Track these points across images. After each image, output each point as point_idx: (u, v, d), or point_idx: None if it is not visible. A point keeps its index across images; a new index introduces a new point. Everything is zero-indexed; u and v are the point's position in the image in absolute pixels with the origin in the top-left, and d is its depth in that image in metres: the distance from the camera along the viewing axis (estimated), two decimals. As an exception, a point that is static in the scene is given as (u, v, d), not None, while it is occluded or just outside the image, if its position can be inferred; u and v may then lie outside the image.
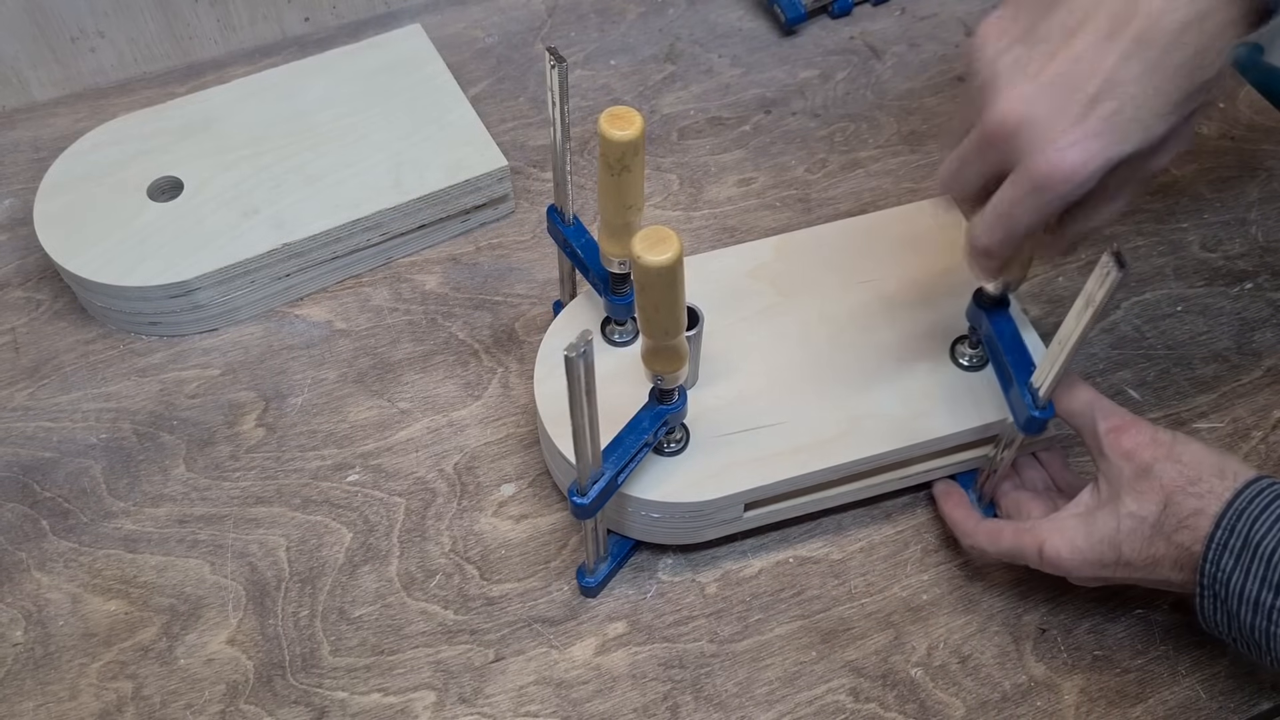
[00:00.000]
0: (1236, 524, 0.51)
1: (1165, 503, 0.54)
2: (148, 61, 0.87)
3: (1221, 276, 0.77)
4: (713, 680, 0.61)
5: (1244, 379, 0.72)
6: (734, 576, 0.65)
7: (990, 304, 0.61)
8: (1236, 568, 0.51)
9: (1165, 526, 0.54)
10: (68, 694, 0.60)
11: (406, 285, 0.77)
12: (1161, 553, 0.54)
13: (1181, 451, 0.55)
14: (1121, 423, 0.57)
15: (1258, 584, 0.51)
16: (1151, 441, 0.56)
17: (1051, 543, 0.57)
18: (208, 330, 0.74)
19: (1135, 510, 0.55)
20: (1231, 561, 0.51)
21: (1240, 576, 0.51)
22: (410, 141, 0.78)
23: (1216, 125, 0.86)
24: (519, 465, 0.68)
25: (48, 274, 0.76)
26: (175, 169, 0.76)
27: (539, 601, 0.63)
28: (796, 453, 0.61)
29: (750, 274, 0.69)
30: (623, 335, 0.65)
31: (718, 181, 0.82)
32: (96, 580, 0.64)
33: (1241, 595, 0.51)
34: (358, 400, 0.71)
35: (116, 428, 0.70)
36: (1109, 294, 0.49)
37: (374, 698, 0.60)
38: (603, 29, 0.92)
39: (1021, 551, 0.58)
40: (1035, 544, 0.57)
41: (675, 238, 0.48)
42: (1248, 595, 0.51)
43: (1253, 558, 0.51)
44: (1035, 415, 0.57)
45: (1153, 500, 0.54)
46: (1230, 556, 0.51)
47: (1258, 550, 0.51)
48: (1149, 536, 0.54)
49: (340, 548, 0.65)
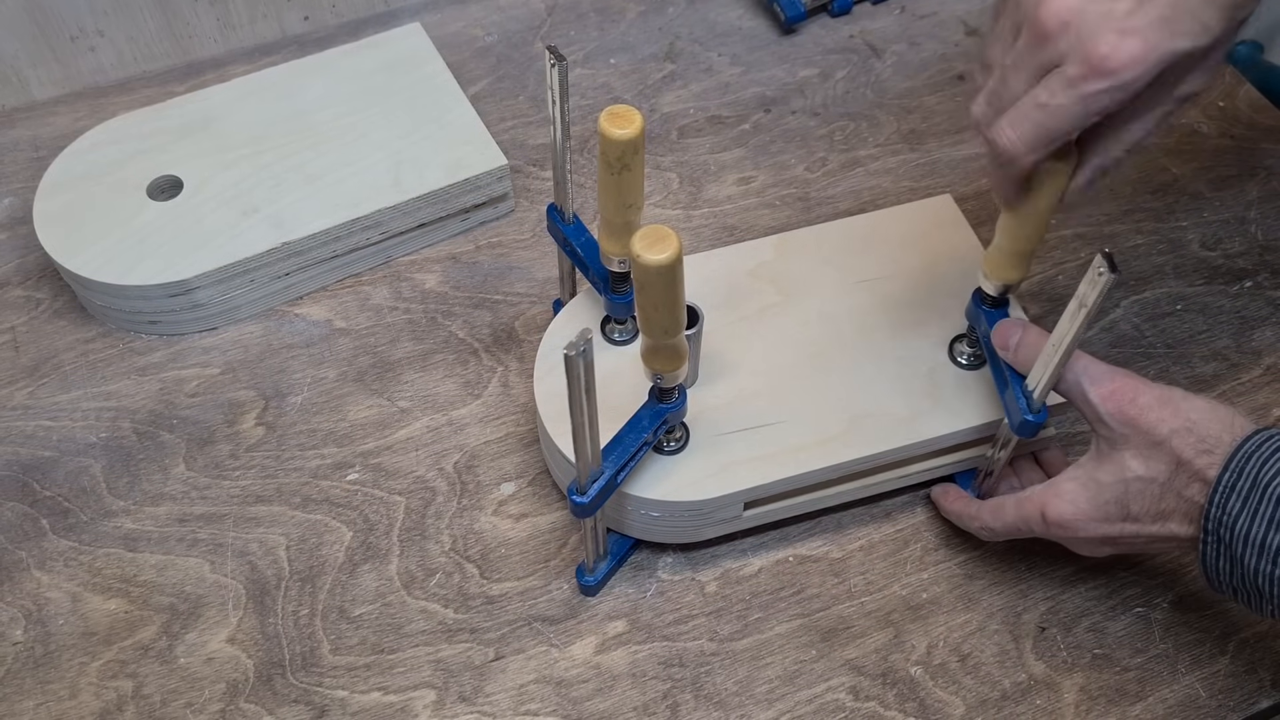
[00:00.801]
0: (1245, 466, 0.51)
1: (1176, 464, 0.53)
2: (147, 60, 0.87)
3: (1221, 275, 0.77)
4: (712, 679, 0.61)
5: (1243, 377, 0.72)
6: (734, 575, 0.65)
7: (990, 304, 0.61)
8: (1244, 510, 0.50)
9: (1176, 483, 0.53)
10: (68, 693, 0.60)
11: (406, 284, 0.77)
12: (1171, 507, 0.53)
13: (1189, 410, 0.54)
14: (1116, 386, 0.55)
15: (1265, 525, 0.50)
16: (1157, 403, 0.54)
17: (1054, 506, 0.56)
18: (207, 329, 0.74)
19: (1143, 473, 0.54)
20: (1239, 504, 0.50)
21: (1247, 519, 0.50)
22: (410, 140, 0.78)
23: (1216, 124, 0.86)
24: (519, 464, 0.68)
25: (47, 273, 0.76)
26: (175, 168, 0.76)
27: (539, 600, 0.63)
28: (796, 451, 0.61)
29: (750, 273, 0.69)
30: (622, 334, 0.65)
31: (717, 180, 0.82)
32: (96, 579, 0.64)
33: (1247, 539, 0.50)
34: (357, 399, 0.71)
35: (116, 427, 0.70)
36: (1101, 296, 0.49)
37: (374, 696, 0.60)
38: (602, 28, 0.92)
39: (1026, 520, 0.58)
40: (1037, 509, 0.57)
41: (675, 237, 0.48)
42: (1254, 538, 0.50)
43: (1261, 498, 0.50)
44: (1029, 419, 0.57)
45: (1163, 463, 0.53)
46: (1238, 499, 0.50)
47: (1266, 490, 0.50)
48: (1159, 495, 0.54)
49: (340, 546, 0.65)
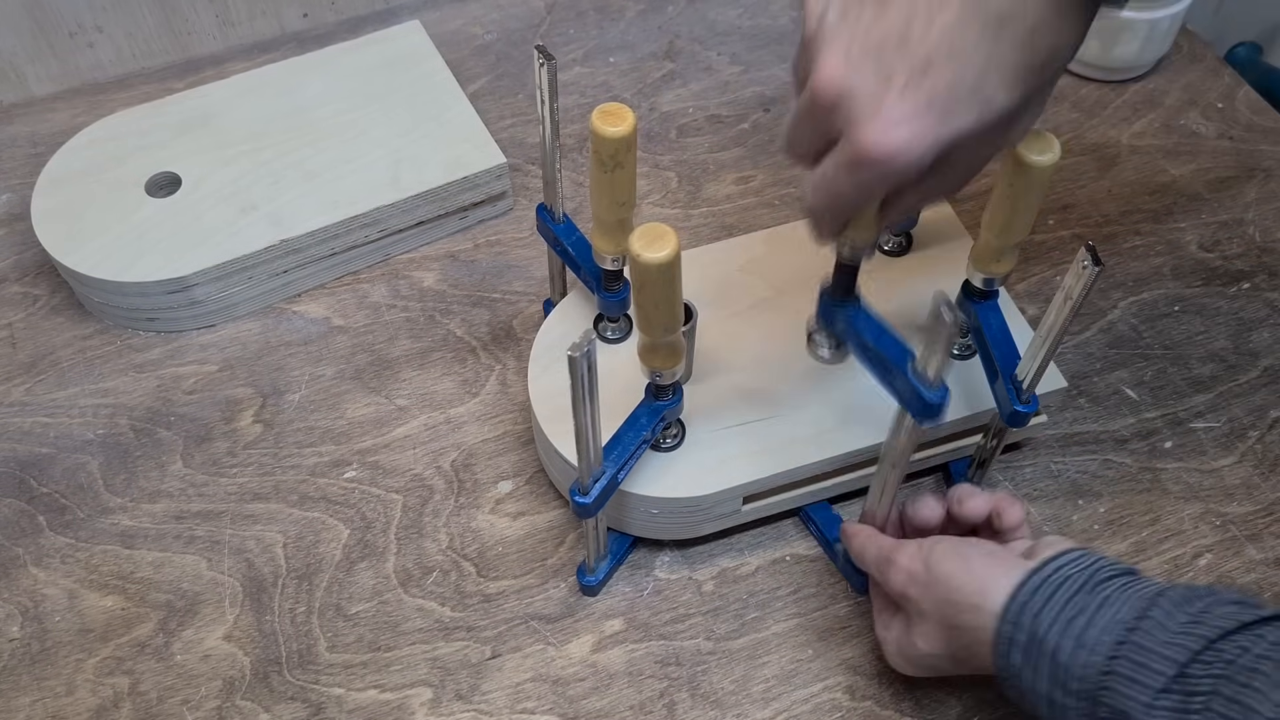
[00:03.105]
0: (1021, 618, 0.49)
1: (947, 637, 0.52)
2: (146, 57, 0.87)
3: (1219, 276, 0.77)
4: (709, 678, 0.61)
5: (1241, 379, 0.72)
6: (731, 574, 0.65)
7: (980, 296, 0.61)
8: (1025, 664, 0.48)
9: (959, 653, 0.52)
10: (64, 689, 0.60)
11: (404, 282, 0.77)
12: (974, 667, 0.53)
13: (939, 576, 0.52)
14: (888, 557, 0.55)
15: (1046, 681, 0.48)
16: (909, 579, 0.54)
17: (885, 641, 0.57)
18: (205, 326, 0.74)
19: (927, 650, 0.54)
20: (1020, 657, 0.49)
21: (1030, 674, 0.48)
22: (409, 138, 0.78)
23: (1215, 125, 0.86)
24: (516, 462, 0.68)
25: (45, 269, 0.76)
26: (173, 165, 0.76)
27: (536, 599, 0.63)
28: (792, 445, 0.62)
29: (742, 269, 0.69)
30: (615, 332, 0.65)
31: (716, 179, 0.82)
32: (93, 576, 0.64)
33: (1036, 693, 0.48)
34: (355, 397, 0.71)
35: (114, 424, 0.70)
36: (1085, 289, 0.50)
37: (370, 694, 0.60)
38: (602, 26, 0.92)
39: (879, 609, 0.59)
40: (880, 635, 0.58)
41: (673, 235, 0.48)
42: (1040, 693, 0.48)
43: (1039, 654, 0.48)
44: (1019, 409, 0.57)
45: (938, 639, 0.53)
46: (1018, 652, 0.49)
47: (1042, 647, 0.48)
48: (954, 664, 0.53)
49: (337, 544, 0.65)
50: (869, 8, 0.43)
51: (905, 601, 0.54)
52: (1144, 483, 0.68)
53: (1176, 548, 0.65)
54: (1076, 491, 0.67)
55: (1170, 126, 0.86)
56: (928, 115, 0.42)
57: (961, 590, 0.51)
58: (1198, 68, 0.90)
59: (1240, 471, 0.68)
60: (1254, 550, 0.65)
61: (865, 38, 0.42)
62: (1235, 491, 0.67)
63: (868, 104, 0.42)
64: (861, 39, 0.43)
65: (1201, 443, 0.69)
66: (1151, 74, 0.89)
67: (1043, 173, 0.53)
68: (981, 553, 0.52)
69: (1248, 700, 0.42)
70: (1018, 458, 0.69)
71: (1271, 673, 0.42)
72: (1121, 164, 0.84)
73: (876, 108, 0.42)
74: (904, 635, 0.55)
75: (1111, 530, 0.66)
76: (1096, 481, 0.68)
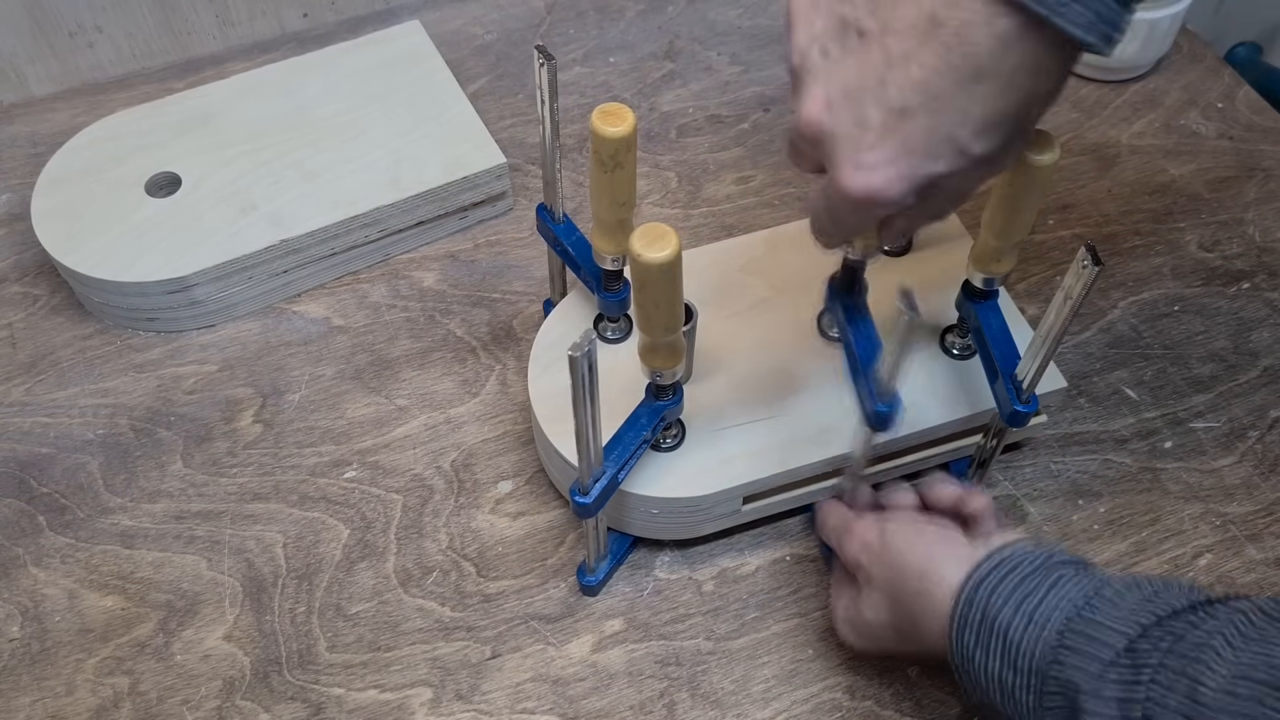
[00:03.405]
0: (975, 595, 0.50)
1: (893, 608, 0.54)
2: (146, 57, 0.87)
3: (1219, 276, 0.77)
4: (709, 678, 0.61)
5: (1241, 379, 0.72)
6: (731, 574, 0.65)
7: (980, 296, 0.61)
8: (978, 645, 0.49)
9: (903, 625, 0.54)
10: (64, 689, 0.60)
11: (404, 282, 0.77)
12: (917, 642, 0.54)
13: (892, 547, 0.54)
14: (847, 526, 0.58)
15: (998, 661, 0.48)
16: (862, 547, 0.56)
17: (835, 609, 0.59)
18: (205, 326, 0.74)
19: (873, 619, 0.55)
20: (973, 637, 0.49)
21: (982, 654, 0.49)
22: (409, 138, 0.78)
23: (1215, 125, 0.86)
24: (516, 462, 0.68)
25: (45, 269, 0.76)
26: (173, 165, 0.76)
27: (536, 599, 0.63)
28: (792, 445, 0.62)
29: (742, 268, 0.69)
30: (615, 332, 0.65)
31: (716, 179, 0.82)
32: (93, 576, 0.64)
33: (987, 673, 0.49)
34: (355, 397, 0.71)
35: (114, 424, 0.70)
36: (1085, 289, 0.50)
37: (370, 694, 0.60)
38: (602, 26, 0.92)
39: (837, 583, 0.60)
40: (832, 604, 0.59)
41: (674, 234, 0.48)
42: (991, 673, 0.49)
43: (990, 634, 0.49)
44: (1019, 409, 0.57)
45: (884, 609, 0.54)
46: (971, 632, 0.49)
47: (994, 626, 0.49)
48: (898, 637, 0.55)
49: (337, 544, 0.65)
50: (851, 50, 0.43)
51: (858, 570, 0.56)
52: (1144, 483, 0.68)
53: (1176, 548, 0.65)
54: (1076, 491, 0.67)
55: (1170, 126, 0.86)
56: (904, 161, 0.43)
57: (911, 563, 0.53)
58: (1198, 68, 0.90)
59: (1240, 471, 0.68)
60: (1254, 550, 0.65)
61: (844, 81, 0.43)
62: (1235, 491, 0.67)
63: (846, 147, 0.43)
64: (840, 82, 0.43)
65: (1201, 443, 0.69)
66: (1151, 74, 0.89)
67: (1043, 173, 0.53)
68: (936, 530, 0.54)
69: (1194, 673, 0.42)
70: (1018, 458, 0.69)
71: (1220, 648, 0.43)
72: (1121, 164, 0.84)
73: (854, 151, 0.43)
74: (852, 604, 0.57)
75: (1111, 530, 0.66)
76: (1096, 481, 0.68)
